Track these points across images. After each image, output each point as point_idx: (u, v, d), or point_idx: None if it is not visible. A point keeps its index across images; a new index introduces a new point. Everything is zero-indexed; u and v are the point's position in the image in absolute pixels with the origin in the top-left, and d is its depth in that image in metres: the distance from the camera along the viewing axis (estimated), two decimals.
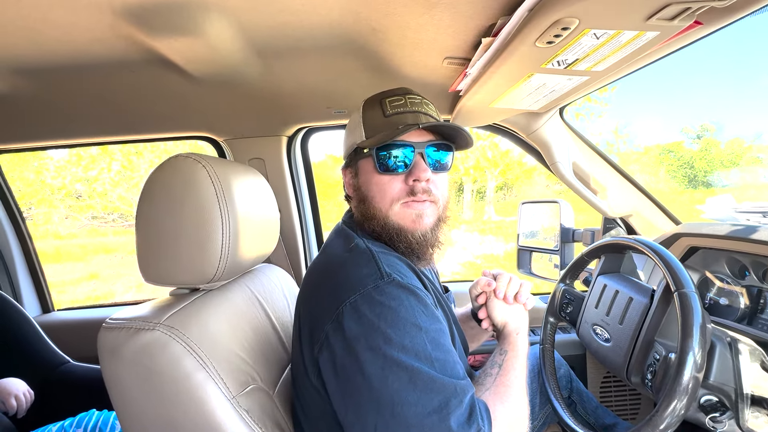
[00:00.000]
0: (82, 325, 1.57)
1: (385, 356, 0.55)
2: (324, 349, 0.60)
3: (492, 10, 0.67)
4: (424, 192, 0.72)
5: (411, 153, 0.72)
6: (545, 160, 1.28)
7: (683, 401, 0.66)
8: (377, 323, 0.57)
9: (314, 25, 0.77)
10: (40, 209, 8.72)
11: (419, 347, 0.57)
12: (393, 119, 0.73)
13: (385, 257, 0.66)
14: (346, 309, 0.59)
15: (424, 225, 0.73)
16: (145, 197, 0.70)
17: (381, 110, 0.75)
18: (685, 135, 13.91)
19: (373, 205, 0.74)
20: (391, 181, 0.73)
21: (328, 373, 0.60)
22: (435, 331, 0.60)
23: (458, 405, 0.55)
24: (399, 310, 0.58)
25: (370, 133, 0.74)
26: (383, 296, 0.59)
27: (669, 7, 0.53)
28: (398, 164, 0.72)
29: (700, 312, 0.70)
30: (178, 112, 1.19)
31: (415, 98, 0.76)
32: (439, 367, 0.57)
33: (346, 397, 0.58)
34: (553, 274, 1.43)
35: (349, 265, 0.66)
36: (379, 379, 0.55)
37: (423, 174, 0.71)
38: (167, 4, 0.67)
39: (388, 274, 0.62)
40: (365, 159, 0.75)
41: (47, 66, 0.88)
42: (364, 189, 0.76)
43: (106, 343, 0.63)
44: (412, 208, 0.73)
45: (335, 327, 0.59)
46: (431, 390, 0.55)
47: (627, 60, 0.72)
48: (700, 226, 1.09)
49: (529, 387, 1.05)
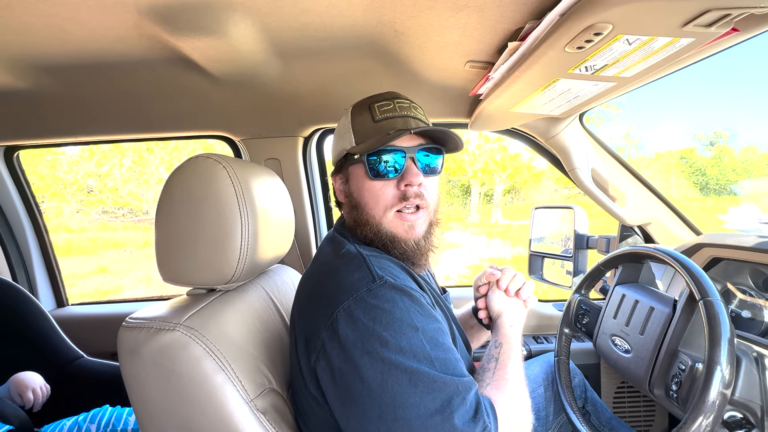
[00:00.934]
0: (96, 320, 1.58)
1: (383, 360, 0.55)
2: (321, 358, 0.60)
3: (521, 14, 0.66)
4: (416, 196, 0.72)
5: (402, 158, 0.71)
6: (563, 165, 1.27)
7: (709, 419, 0.65)
8: (372, 327, 0.56)
9: (336, 26, 0.77)
10: (52, 203, 8.87)
11: (417, 348, 0.56)
12: (383, 124, 0.72)
13: (376, 260, 0.66)
14: (341, 315, 0.58)
15: (416, 234, 0.73)
16: (166, 197, 0.70)
17: (370, 115, 0.73)
18: (698, 141, 13.70)
19: (366, 211, 0.73)
20: (383, 187, 0.72)
21: (327, 381, 0.60)
22: (433, 330, 0.60)
23: (461, 403, 0.55)
24: (394, 312, 0.58)
25: (360, 139, 0.73)
26: (377, 299, 0.58)
27: (708, 14, 0.52)
28: (389, 169, 0.71)
29: (727, 321, 0.68)
30: (196, 110, 1.20)
31: (404, 102, 0.75)
32: (439, 366, 0.56)
33: (347, 405, 0.57)
34: (565, 280, 1.41)
35: (340, 271, 0.65)
36: (379, 383, 0.54)
37: (415, 179, 0.71)
38: (192, 4, 0.68)
39: (381, 277, 0.61)
40: (356, 165, 0.74)
41: (71, 64, 0.89)
42: (356, 195, 0.75)
43: (126, 342, 0.63)
44: (405, 219, 0.73)
45: (330, 334, 0.58)
46: (433, 390, 0.54)
47: (656, 67, 0.70)
48: (723, 237, 1.06)
49: (542, 396, 1.04)
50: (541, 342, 1.40)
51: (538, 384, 1.06)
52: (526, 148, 1.40)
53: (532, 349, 1.35)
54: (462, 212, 11.54)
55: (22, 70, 0.91)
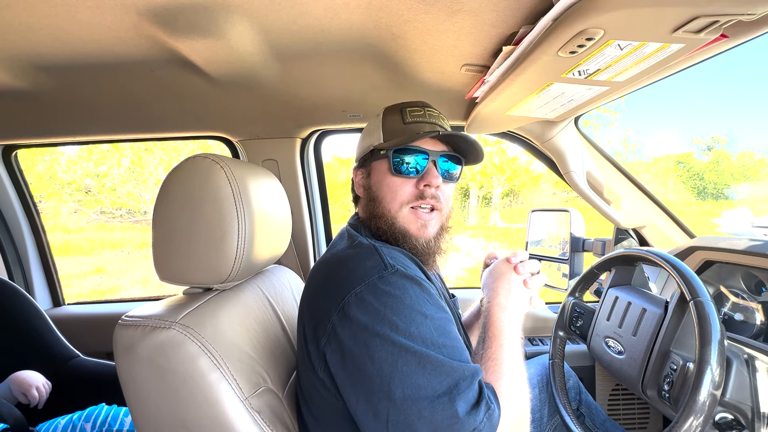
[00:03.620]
0: (92, 320, 1.58)
1: (393, 342, 0.56)
2: (331, 340, 0.61)
3: (515, 19, 0.67)
4: (433, 198, 0.75)
5: (425, 159, 0.75)
6: (559, 168, 1.28)
7: (699, 419, 0.65)
8: (383, 311, 0.58)
9: (334, 29, 0.78)
10: (50, 203, 8.84)
11: (426, 334, 0.57)
12: (412, 126, 0.77)
13: (388, 251, 0.67)
14: (352, 299, 0.59)
15: (428, 233, 0.76)
16: (163, 197, 0.71)
17: (401, 117, 0.79)
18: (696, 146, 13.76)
19: (383, 205, 0.76)
20: (402, 184, 0.75)
21: (336, 364, 0.60)
22: (441, 319, 0.61)
23: (468, 387, 0.56)
24: (404, 299, 0.59)
25: (389, 137, 0.77)
26: (388, 286, 0.60)
27: (697, 20, 0.53)
28: (411, 169, 0.75)
29: (717, 320, 0.69)
30: (195, 111, 1.20)
31: (434, 111, 0.81)
32: (447, 352, 0.57)
33: (357, 385, 0.58)
34: (561, 283, 1.42)
35: (353, 259, 0.66)
36: (389, 363, 0.55)
37: (434, 180, 0.75)
38: (191, 6, 0.68)
39: (392, 266, 0.63)
40: (380, 160, 0.78)
41: (70, 64, 0.89)
42: (375, 189, 0.78)
43: (122, 340, 0.63)
44: (419, 217, 0.75)
45: (341, 317, 0.60)
46: (441, 373, 0.55)
47: (648, 71, 0.71)
48: (716, 240, 1.07)
49: (537, 398, 1.05)
50: (536, 344, 1.41)
51: (533, 386, 1.06)
52: (524, 151, 1.41)
53: (527, 351, 1.35)
54: (460, 215, 11.56)
55: (21, 69, 0.91)
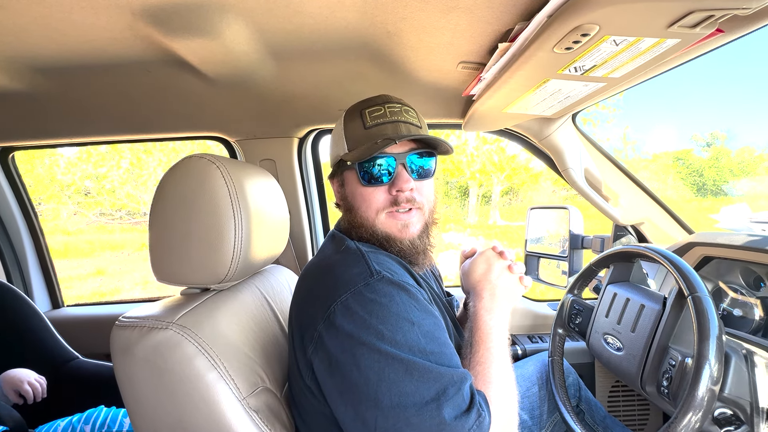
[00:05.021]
0: (91, 322, 1.58)
1: (379, 351, 0.56)
2: (318, 350, 0.60)
3: (510, 16, 0.67)
4: (408, 201, 0.73)
5: (393, 163, 0.72)
6: (557, 166, 1.27)
7: (698, 414, 0.65)
8: (369, 320, 0.57)
9: (330, 28, 0.78)
10: (49, 205, 8.84)
11: (412, 341, 0.57)
12: (373, 131, 0.73)
13: (375, 256, 0.67)
14: (338, 308, 0.59)
15: (411, 233, 0.74)
16: (159, 197, 0.71)
17: (361, 122, 0.74)
18: (695, 143, 13.76)
19: (360, 214, 0.75)
20: (374, 192, 0.73)
21: (323, 372, 0.60)
22: (429, 325, 0.60)
23: (456, 392, 0.55)
24: (390, 306, 0.59)
25: (352, 145, 0.74)
26: (374, 293, 0.59)
27: (692, 15, 0.53)
28: (382, 173, 0.73)
29: (715, 315, 0.69)
30: (192, 112, 1.20)
31: (395, 106, 0.75)
32: (434, 358, 0.57)
33: (344, 394, 0.58)
34: (560, 280, 1.42)
35: (339, 266, 0.66)
36: (375, 371, 0.55)
37: (405, 185, 0.72)
38: (185, 5, 0.68)
39: (378, 272, 0.62)
40: (349, 170, 0.76)
41: (66, 65, 0.89)
42: (350, 199, 0.77)
43: (119, 341, 0.63)
44: (398, 219, 0.74)
45: (327, 326, 0.59)
46: (428, 379, 0.55)
47: (645, 67, 0.71)
48: (714, 236, 1.07)
49: (536, 395, 1.05)
50: (536, 341, 1.41)
51: (533, 383, 1.06)
52: (522, 148, 1.41)
53: (526, 348, 1.36)
54: (460, 214, 11.56)
55: (17, 71, 0.91)
